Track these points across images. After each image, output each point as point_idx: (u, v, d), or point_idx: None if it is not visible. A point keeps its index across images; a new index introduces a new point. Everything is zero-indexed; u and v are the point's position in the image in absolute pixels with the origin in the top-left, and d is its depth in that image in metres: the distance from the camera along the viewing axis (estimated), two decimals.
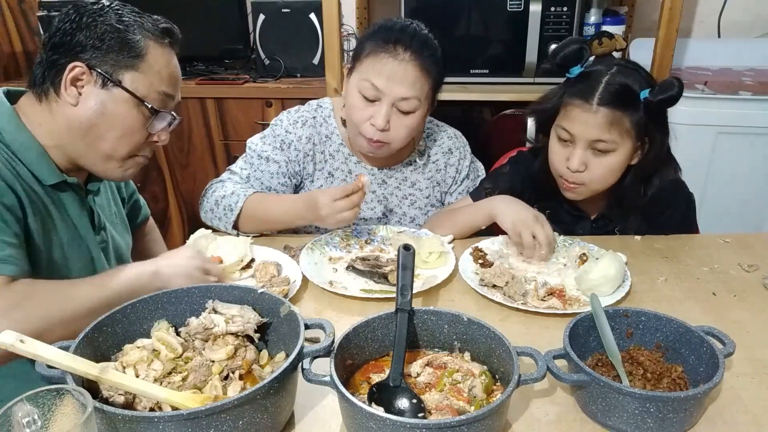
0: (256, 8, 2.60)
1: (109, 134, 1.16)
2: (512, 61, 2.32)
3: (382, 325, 0.97)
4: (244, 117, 2.61)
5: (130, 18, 1.16)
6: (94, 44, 1.13)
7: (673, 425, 0.86)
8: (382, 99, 1.42)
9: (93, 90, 1.14)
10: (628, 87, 1.34)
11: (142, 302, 0.97)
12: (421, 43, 1.41)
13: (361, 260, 1.33)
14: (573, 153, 1.39)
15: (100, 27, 1.13)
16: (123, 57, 1.14)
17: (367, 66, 1.42)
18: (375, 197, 1.64)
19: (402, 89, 1.40)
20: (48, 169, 1.17)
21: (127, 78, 1.15)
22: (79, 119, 1.14)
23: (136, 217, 1.57)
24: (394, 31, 1.42)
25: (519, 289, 1.22)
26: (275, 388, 0.82)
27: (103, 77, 1.13)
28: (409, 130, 1.47)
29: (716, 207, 2.29)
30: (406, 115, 1.44)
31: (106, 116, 1.15)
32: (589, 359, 1.00)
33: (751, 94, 2.25)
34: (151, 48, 1.16)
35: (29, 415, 0.71)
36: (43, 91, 1.16)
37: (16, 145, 1.14)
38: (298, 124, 1.59)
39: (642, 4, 2.68)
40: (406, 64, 1.40)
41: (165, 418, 0.75)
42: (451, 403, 0.88)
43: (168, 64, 1.20)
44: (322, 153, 1.60)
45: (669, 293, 1.27)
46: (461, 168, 1.68)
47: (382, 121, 1.42)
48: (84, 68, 1.12)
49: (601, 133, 1.34)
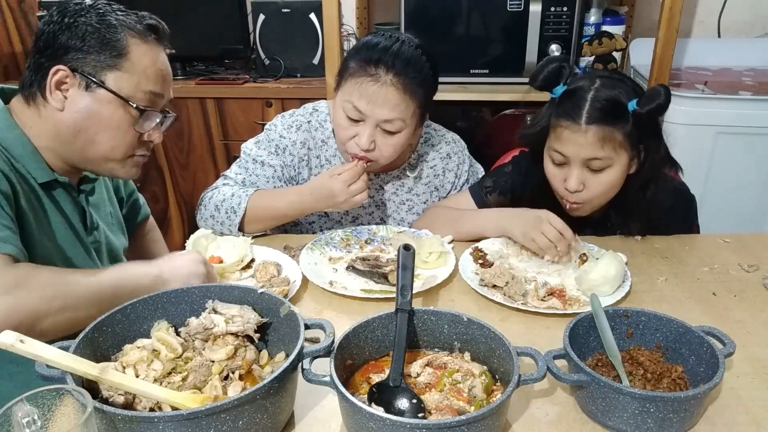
0: (256, 8, 2.60)
1: (98, 137, 1.15)
2: (512, 61, 2.32)
3: (382, 325, 0.97)
4: (244, 117, 2.61)
5: (112, 16, 1.14)
6: (75, 45, 1.11)
7: (673, 425, 0.86)
8: (366, 120, 1.41)
9: (78, 93, 1.12)
10: (615, 100, 1.31)
11: (142, 302, 0.97)
12: (404, 64, 1.38)
13: (361, 260, 1.33)
14: (570, 173, 1.36)
15: (81, 27, 1.11)
16: (105, 57, 1.12)
17: (350, 87, 1.41)
18: (372, 202, 1.63)
19: (384, 111, 1.38)
20: (39, 167, 1.16)
21: (111, 78, 1.13)
22: (66, 124, 1.13)
23: (135, 217, 1.57)
24: (377, 50, 1.39)
25: (519, 289, 1.22)
26: (275, 388, 0.82)
27: (86, 79, 1.12)
28: (395, 149, 1.46)
29: (716, 207, 2.29)
30: (392, 135, 1.43)
31: (92, 119, 1.14)
32: (589, 359, 1.00)
33: (751, 94, 2.25)
34: (133, 46, 1.14)
35: (29, 415, 0.71)
36: (31, 95, 1.15)
37: (8, 143, 1.13)
38: (293, 128, 1.57)
39: (642, 4, 2.68)
40: (387, 88, 1.37)
41: (165, 418, 0.75)
42: (451, 403, 0.88)
43: (154, 62, 1.17)
44: (318, 158, 1.59)
45: (669, 293, 1.27)
46: (460, 173, 1.67)
47: (366, 142, 1.41)
48: (67, 71, 1.11)
49: (595, 152, 1.32)
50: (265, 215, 1.47)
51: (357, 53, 1.43)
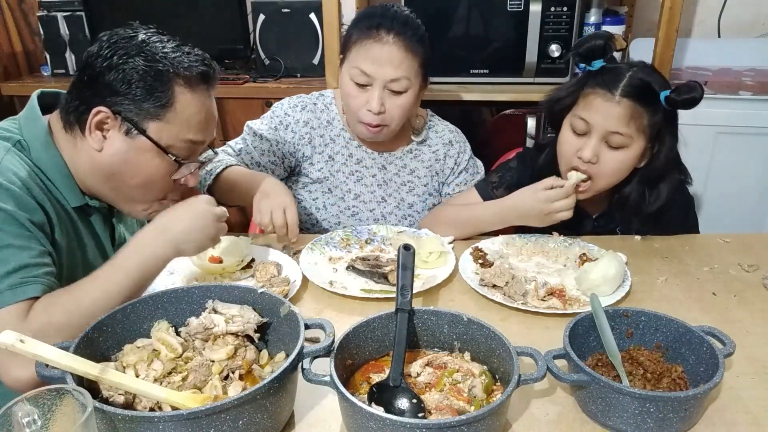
0: (256, 8, 2.60)
1: (132, 181, 1.13)
2: (512, 61, 2.31)
3: (382, 325, 0.97)
4: (244, 117, 2.58)
5: (162, 63, 1.08)
6: (121, 90, 1.07)
7: (673, 425, 0.86)
8: (373, 83, 1.48)
9: (117, 136, 1.10)
10: (650, 85, 1.36)
11: (142, 302, 0.97)
12: (402, 24, 1.48)
13: (361, 260, 1.33)
14: (587, 144, 1.38)
15: (129, 72, 1.07)
16: (149, 106, 1.08)
17: (355, 54, 1.49)
18: (375, 181, 1.68)
19: (390, 71, 1.47)
20: (72, 192, 1.14)
21: (153, 127, 1.10)
22: (102, 164, 1.11)
23: None
24: (375, 16, 1.49)
25: (519, 289, 1.22)
26: (275, 388, 0.82)
27: (127, 125, 1.09)
28: (404, 110, 1.53)
29: (716, 207, 2.29)
30: (399, 95, 1.50)
31: (129, 164, 1.11)
32: (589, 359, 1.00)
33: (751, 94, 2.25)
34: (180, 95, 1.09)
35: (29, 415, 0.71)
36: (69, 124, 1.12)
37: (42, 163, 1.12)
38: (298, 108, 1.65)
39: (642, 4, 2.68)
40: (390, 47, 1.46)
41: (165, 418, 0.75)
42: (451, 403, 0.88)
43: (199, 111, 1.13)
44: (322, 137, 1.65)
45: (669, 293, 1.27)
46: (460, 161, 1.71)
47: (377, 104, 1.48)
48: (109, 113, 1.08)
49: (620, 125, 1.34)
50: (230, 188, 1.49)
51: (357, 23, 1.53)
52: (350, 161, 1.66)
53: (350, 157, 1.66)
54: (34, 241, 1.04)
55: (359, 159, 1.66)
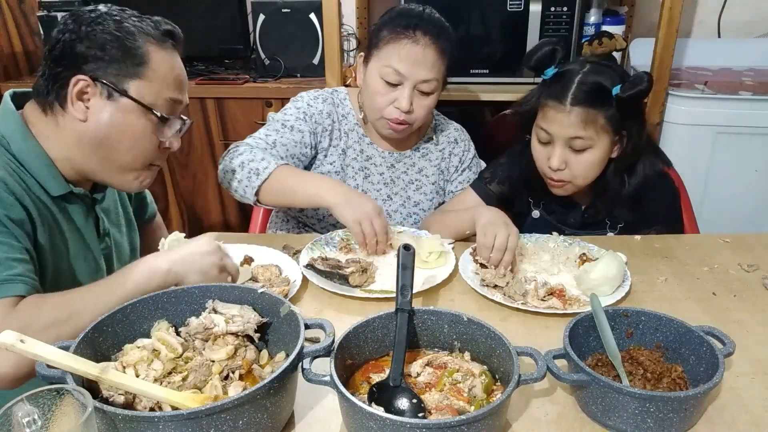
0: (256, 8, 2.60)
1: (121, 146, 1.14)
2: (512, 61, 2.32)
3: (382, 325, 0.97)
4: (244, 117, 2.61)
5: (129, 23, 1.12)
6: (95, 55, 1.09)
7: (673, 425, 0.86)
8: (404, 83, 1.50)
9: (100, 102, 1.11)
10: (600, 84, 1.38)
11: (142, 302, 0.97)
12: (439, 27, 1.51)
13: (322, 260, 1.32)
14: (553, 152, 1.43)
15: (99, 36, 1.09)
16: (126, 65, 1.10)
17: (387, 52, 1.50)
18: (382, 179, 1.69)
19: (423, 72, 1.49)
20: (55, 180, 1.15)
21: (133, 87, 1.12)
22: (89, 134, 1.12)
23: (143, 214, 1.56)
24: (413, 17, 1.51)
25: (519, 289, 1.22)
26: (275, 388, 0.82)
27: (108, 88, 1.11)
28: (428, 110, 1.57)
29: (716, 207, 2.29)
30: (427, 96, 1.53)
31: (115, 128, 1.12)
32: (589, 359, 1.00)
33: (751, 94, 2.25)
34: (153, 53, 1.13)
35: (29, 415, 0.71)
36: (48, 104, 1.13)
37: (23, 156, 1.12)
38: (319, 99, 1.66)
39: (642, 4, 2.68)
40: (426, 49, 1.48)
41: (165, 417, 0.75)
42: (451, 403, 0.88)
43: (172, 68, 1.17)
44: (339, 130, 1.66)
45: (669, 293, 1.27)
46: (464, 159, 1.74)
47: (407, 104, 1.50)
48: (88, 81, 1.09)
49: (577, 131, 1.38)
50: (283, 189, 1.43)
51: (391, 21, 1.53)
52: (360, 157, 1.67)
53: (361, 153, 1.67)
54: (12, 237, 1.03)
55: (369, 156, 1.67)
